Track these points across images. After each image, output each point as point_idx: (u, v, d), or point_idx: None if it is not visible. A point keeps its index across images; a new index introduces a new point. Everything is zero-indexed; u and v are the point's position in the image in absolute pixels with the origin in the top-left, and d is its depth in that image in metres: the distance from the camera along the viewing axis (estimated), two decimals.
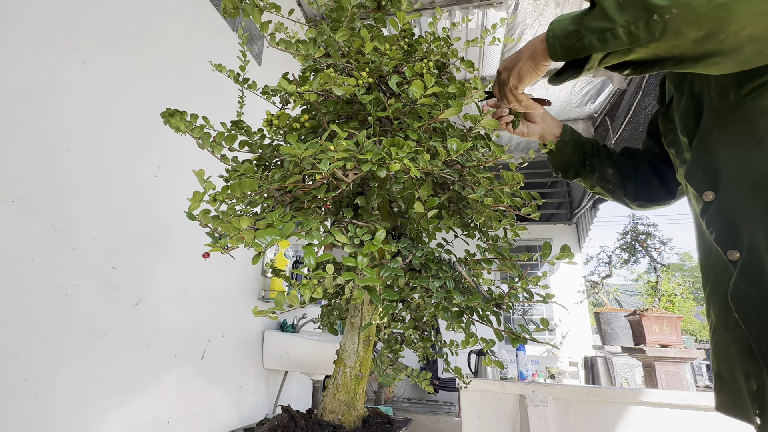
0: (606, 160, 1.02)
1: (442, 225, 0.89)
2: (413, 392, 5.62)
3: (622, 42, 0.58)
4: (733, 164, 0.66)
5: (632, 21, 0.56)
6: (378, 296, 0.54)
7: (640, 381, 4.64)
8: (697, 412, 1.48)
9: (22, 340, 1.18)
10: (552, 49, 0.67)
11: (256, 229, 0.52)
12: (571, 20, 0.64)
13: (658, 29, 0.55)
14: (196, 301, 1.93)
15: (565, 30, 0.64)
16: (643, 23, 0.56)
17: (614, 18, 0.58)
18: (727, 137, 0.67)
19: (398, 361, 1.02)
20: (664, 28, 0.54)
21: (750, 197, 0.62)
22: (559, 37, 0.65)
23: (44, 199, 1.25)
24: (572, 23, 0.64)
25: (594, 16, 0.60)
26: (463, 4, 3.10)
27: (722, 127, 0.68)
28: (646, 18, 0.55)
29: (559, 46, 0.65)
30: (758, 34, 0.51)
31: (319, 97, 0.70)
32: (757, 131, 0.62)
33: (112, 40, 1.51)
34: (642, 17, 0.55)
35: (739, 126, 0.65)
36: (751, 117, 0.63)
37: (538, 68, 0.74)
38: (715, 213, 0.69)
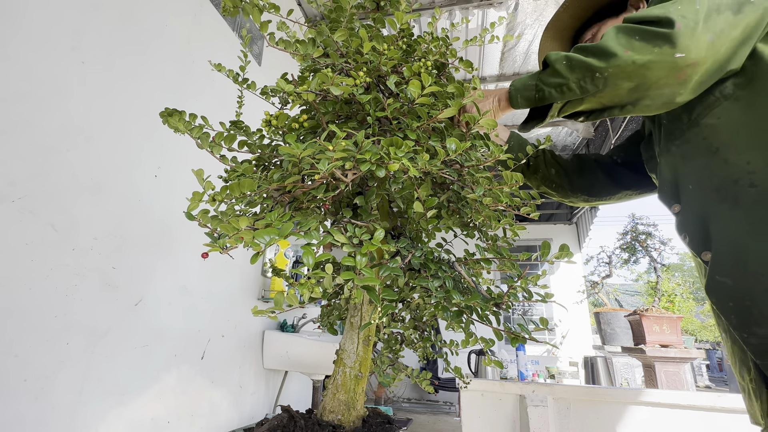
0: (550, 162, 1.13)
1: (441, 225, 0.89)
2: (413, 392, 5.62)
3: (575, 93, 0.73)
4: (693, 175, 0.76)
5: (581, 77, 0.71)
6: (377, 296, 0.54)
7: (640, 381, 4.64)
8: (697, 412, 1.48)
9: (22, 340, 1.18)
10: (514, 99, 0.83)
11: (255, 229, 0.52)
12: (529, 77, 0.81)
13: (600, 83, 0.70)
14: (196, 301, 1.93)
15: (525, 84, 0.80)
16: (589, 79, 0.71)
17: (566, 75, 0.73)
18: (683, 153, 0.78)
19: (398, 361, 1.02)
20: (605, 82, 0.69)
21: (716, 198, 0.70)
22: (519, 89, 0.82)
23: (44, 199, 1.25)
24: (530, 79, 0.80)
25: (548, 73, 0.76)
26: (462, 4, 3.10)
27: (678, 146, 0.80)
28: (591, 75, 0.70)
29: (521, 96, 0.81)
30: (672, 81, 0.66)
31: (317, 97, 0.70)
32: (713, 143, 0.72)
33: (112, 41, 1.51)
34: (588, 74, 0.70)
35: (695, 142, 0.76)
36: (706, 133, 0.73)
37: (498, 114, 0.89)
38: (685, 221, 0.78)
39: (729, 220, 0.67)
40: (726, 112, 0.70)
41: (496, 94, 0.88)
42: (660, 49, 0.63)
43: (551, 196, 1.15)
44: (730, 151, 0.69)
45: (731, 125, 0.69)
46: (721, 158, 0.70)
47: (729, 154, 0.69)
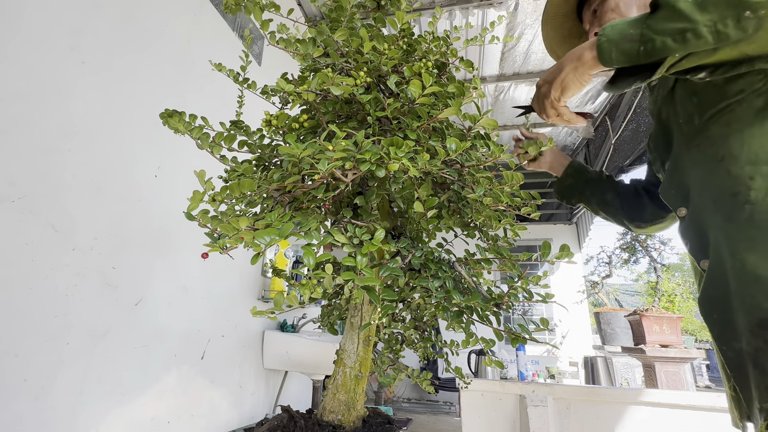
0: (608, 187, 1.06)
1: (441, 225, 0.89)
2: (413, 392, 5.62)
3: (706, 42, 0.56)
4: (699, 181, 0.71)
5: (718, 19, 0.54)
6: (377, 296, 0.54)
7: (640, 381, 4.64)
8: (697, 412, 1.48)
9: (22, 340, 1.18)
10: (606, 54, 0.64)
11: (255, 229, 0.52)
12: (629, 24, 0.62)
13: (751, 26, 0.53)
14: (196, 301, 1.93)
15: (624, 34, 0.62)
16: (732, 20, 0.53)
17: (693, 18, 0.55)
18: (694, 158, 0.73)
19: (398, 361, 1.02)
20: (758, 24, 0.53)
21: (713, 209, 0.67)
22: (615, 41, 0.62)
23: (44, 199, 1.25)
24: (632, 27, 0.61)
25: (662, 17, 0.58)
26: (462, 4, 3.10)
27: (690, 149, 0.74)
28: (735, 15, 0.53)
29: (616, 50, 0.63)
30: None
31: (317, 96, 0.70)
32: (719, 151, 0.67)
33: (112, 41, 1.51)
34: (730, 15, 0.53)
35: (704, 147, 0.70)
36: (714, 139, 0.68)
37: (583, 77, 0.71)
38: (688, 227, 0.74)
39: (721, 233, 0.65)
40: (737, 120, 0.65)
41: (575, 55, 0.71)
42: None
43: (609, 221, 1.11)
44: (734, 162, 0.64)
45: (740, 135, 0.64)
46: (723, 168, 0.65)
47: (732, 165, 0.64)
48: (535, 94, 0.84)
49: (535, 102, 0.84)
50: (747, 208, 0.61)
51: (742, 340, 0.60)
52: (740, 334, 0.60)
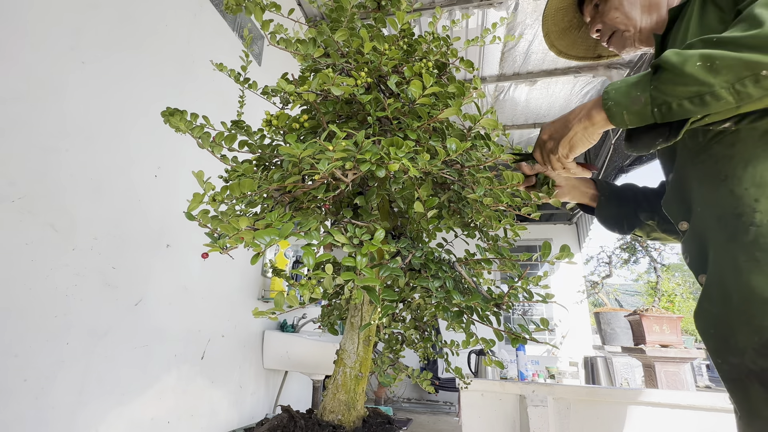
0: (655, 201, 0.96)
1: (441, 225, 0.89)
2: (413, 392, 5.62)
3: (728, 102, 0.56)
4: (701, 198, 0.71)
5: (735, 80, 0.54)
6: (377, 296, 0.54)
7: (640, 381, 4.64)
8: (697, 412, 1.48)
9: (22, 340, 1.18)
10: (618, 118, 0.65)
11: (255, 229, 0.52)
12: (632, 86, 0.63)
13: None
14: (196, 301, 1.93)
15: (630, 96, 0.63)
16: (750, 81, 0.54)
17: (707, 81, 0.56)
18: (697, 174, 0.73)
19: (399, 361, 1.02)
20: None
21: (716, 227, 0.67)
22: (624, 104, 0.64)
23: (44, 199, 1.25)
24: (636, 89, 0.62)
25: (669, 80, 0.59)
26: (463, 4, 3.10)
27: (695, 165, 0.73)
28: (753, 75, 0.53)
29: (628, 113, 0.63)
30: None
31: (318, 97, 0.70)
32: (722, 170, 0.66)
33: (111, 41, 1.51)
34: (747, 75, 0.54)
35: (708, 164, 0.70)
36: (718, 158, 0.68)
37: (592, 137, 0.72)
38: (689, 241, 0.74)
39: (723, 252, 0.65)
40: (741, 141, 0.64)
41: (583, 114, 0.71)
42: None
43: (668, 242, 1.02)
44: (737, 183, 0.63)
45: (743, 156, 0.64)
46: (727, 188, 0.65)
47: (735, 185, 0.64)
48: (539, 146, 0.82)
49: (539, 154, 0.82)
50: (752, 230, 0.61)
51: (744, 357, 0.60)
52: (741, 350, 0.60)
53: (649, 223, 0.97)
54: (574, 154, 0.76)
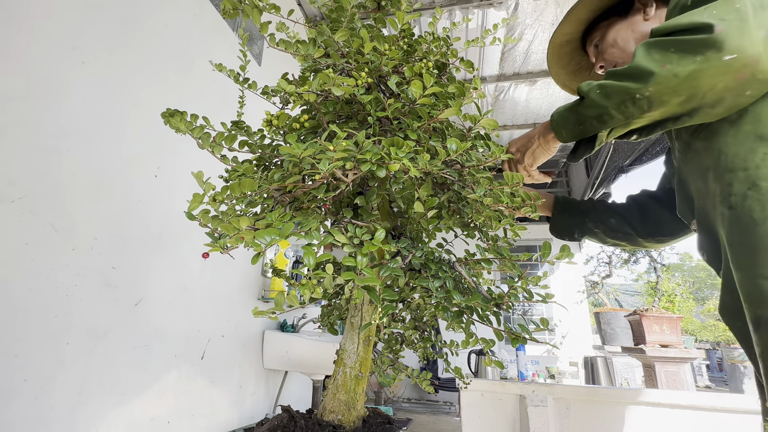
0: (606, 212, 1.10)
1: (441, 225, 0.89)
2: (413, 392, 5.62)
3: (618, 119, 0.70)
4: (698, 192, 0.77)
5: (620, 103, 0.68)
6: (377, 296, 0.54)
7: (640, 381, 4.64)
8: (697, 412, 1.48)
9: (22, 340, 1.18)
10: (559, 135, 0.82)
11: (255, 229, 0.52)
12: (567, 109, 0.79)
13: (644, 104, 0.66)
14: (196, 301, 1.93)
15: (564, 117, 0.79)
16: (630, 102, 0.67)
17: (603, 104, 0.70)
18: (690, 170, 0.80)
19: (398, 361, 1.02)
20: (650, 102, 0.66)
21: (714, 216, 0.71)
22: (560, 124, 0.80)
23: (44, 199, 1.25)
24: (569, 112, 0.79)
25: (585, 105, 0.74)
26: (462, 4, 3.10)
27: (687, 164, 0.81)
28: (631, 99, 0.67)
29: (565, 131, 0.80)
30: (731, 84, 0.61)
31: (318, 97, 0.70)
32: (705, 162, 0.73)
33: (112, 41, 1.51)
34: (627, 98, 0.67)
35: (695, 160, 0.77)
36: (700, 151, 0.75)
37: (549, 149, 0.88)
38: (701, 237, 0.79)
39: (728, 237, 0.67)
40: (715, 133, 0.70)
41: (541, 131, 0.87)
42: (703, 56, 0.59)
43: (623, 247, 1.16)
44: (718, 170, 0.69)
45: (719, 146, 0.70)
46: (711, 177, 0.71)
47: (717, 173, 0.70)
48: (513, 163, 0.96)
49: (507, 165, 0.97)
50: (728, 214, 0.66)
51: None
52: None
53: (596, 231, 1.10)
54: (537, 163, 0.91)
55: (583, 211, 1.11)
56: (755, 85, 0.61)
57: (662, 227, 1.04)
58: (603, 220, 1.08)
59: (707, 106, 0.64)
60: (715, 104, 0.64)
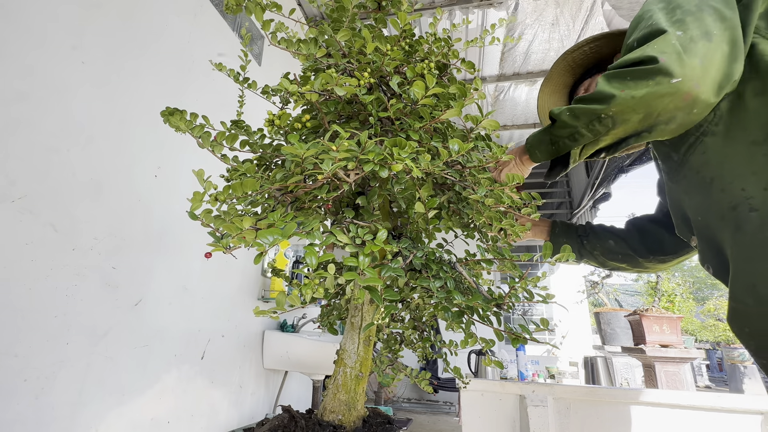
0: (604, 234, 1.15)
1: (442, 225, 0.89)
2: (413, 392, 5.62)
3: (587, 137, 0.77)
4: (699, 207, 0.79)
5: (588, 122, 0.75)
6: (379, 296, 0.54)
7: (640, 381, 4.64)
8: (697, 412, 1.48)
9: (22, 340, 1.18)
10: (534, 156, 0.88)
11: (257, 229, 0.52)
12: (541, 132, 0.85)
13: (609, 122, 0.73)
14: (196, 301, 1.93)
15: (539, 139, 0.85)
16: (597, 121, 0.74)
17: (573, 124, 0.76)
18: (684, 189, 0.82)
19: (397, 361, 1.02)
20: (613, 120, 0.72)
21: (721, 226, 0.73)
22: (535, 145, 0.87)
23: (44, 199, 1.25)
24: (543, 134, 0.84)
25: (557, 126, 0.80)
26: (463, 5, 3.10)
27: (678, 182, 0.84)
28: (597, 118, 0.73)
29: (538, 151, 0.86)
30: (680, 104, 0.67)
31: (320, 97, 0.70)
32: (706, 176, 0.76)
33: (112, 40, 1.51)
34: (594, 118, 0.74)
35: (690, 177, 0.80)
36: (698, 167, 0.77)
37: (524, 169, 0.93)
38: (703, 252, 0.82)
39: (734, 246, 0.69)
40: (709, 147, 0.74)
41: (514, 152, 0.93)
42: (654, 80, 0.66)
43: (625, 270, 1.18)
44: (723, 180, 0.72)
45: (717, 158, 0.73)
46: (717, 188, 0.74)
47: (723, 183, 0.73)
48: None
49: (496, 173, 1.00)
50: (754, 216, 0.67)
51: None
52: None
53: (595, 253, 1.14)
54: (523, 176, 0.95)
55: (581, 234, 1.16)
56: (700, 104, 0.67)
57: (663, 246, 1.07)
58: (601, 242, 1.13)
59: (663, 122, 0.71)
60: (669, 121, 0.70)
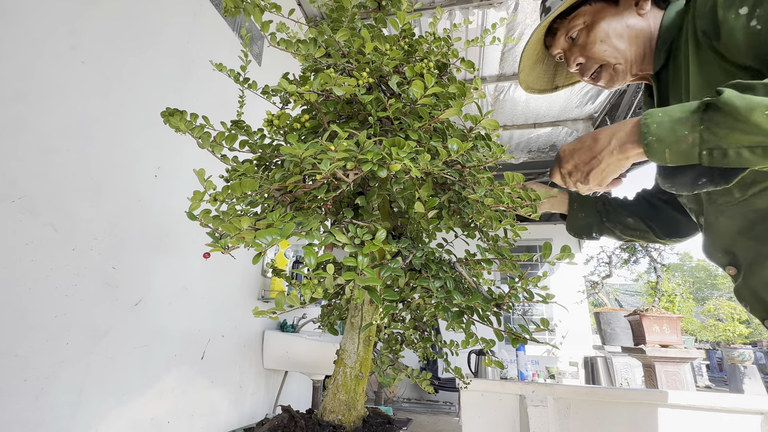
0: (622, 211, 1.05)
1: (442, 225, 0.89)
2: (413, 392, 5.62)
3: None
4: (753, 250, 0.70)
5: None
6: (378, 296, 0.54)
7: (640, 381, 4.64)
8: (697, 412, 1.48)
9: (22, 340, 1.18)
10: (659, 155, 0.60)
11: (256, 229, 0.52)
12: (678, 122, 0.58)
13: None
14: (196, 301, 1.93)
15: (676, 134, 0.58)
16: None
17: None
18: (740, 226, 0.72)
19: (398, 361, 1.02)
20: None
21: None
22: (667, 142, 0.59)
23: (44, 199, 1.25)
24: (684, 126, 0.58)
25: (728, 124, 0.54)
26: (463, 4, 3.10)
27: (733, 217, 0.73)
28: None
29: (671, 151, 0.59)
30: None
31: (319, 97, 0.69)
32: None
33: (112, 40, 1.51)
34: None
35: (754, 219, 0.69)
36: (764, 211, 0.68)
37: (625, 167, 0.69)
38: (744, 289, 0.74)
39: None
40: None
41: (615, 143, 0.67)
42: None
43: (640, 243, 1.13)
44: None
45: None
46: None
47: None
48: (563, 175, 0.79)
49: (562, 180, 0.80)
50: None
51: None
52: None
53: (614, 230, 1.05)
54: (606, 182, 0.74)
55: (599, 210, 1.07)
56: None
57: (678, 229, 1.02)
58: (620, 219, 1.04)
59: None
60: None
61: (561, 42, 0.89)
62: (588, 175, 0.73)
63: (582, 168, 0.74)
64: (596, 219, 1.06)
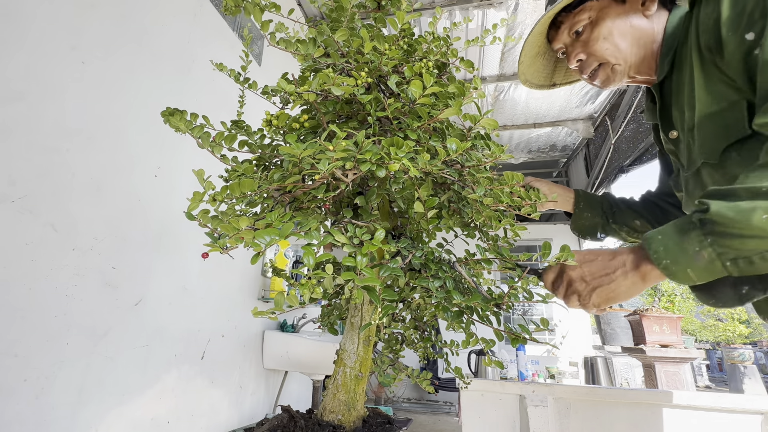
0: (629, 213, 1.02)
1: (441, 225, 0.89)
2: (413, 392, 5.61)
3: None
4: None
5: None
6: (377, 296, 0.54)
7: (640, 381, 4.64)
8: (697, 412, 1.48)
9: (22, 340, 1.18)
10: (681, 275, 0.58)
11: (255, 229, 0.52)
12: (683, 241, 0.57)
13: None
14: (196, 301, 1.93)
15: (687, 252, 0.57)
16: None
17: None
18: None
19: (398, 361, 1.02)
20: None
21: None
22: (684, 263, 0.58)
23: (44, 199, 1.25)
24: (691, 243, 0.57)
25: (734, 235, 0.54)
26: (462, 4, 3.10)
27: None
28: None
29: (693, 270, 0.57)
30: None
31: (318, 97, 0.69)
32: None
33: (112, 40, 1.51)
34: None
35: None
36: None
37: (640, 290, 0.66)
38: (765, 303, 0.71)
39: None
40: None
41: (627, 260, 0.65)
42: None
43: None
44: None
45: None
46: None
47: None
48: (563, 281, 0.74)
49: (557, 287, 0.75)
50: None
51: None
52: None
53: (620, 232, 1.03)
54: (608, 305, 0.69)
55: (606, 211, 1.04)
56: None
57: None
58: (627, 221, 1.01)
59: None
60: None
61: (564, 36, 0.88)
62: (594, 292, 0.69)
63: (590, 281, 0.69)
64: (602, 220, 1.03)
